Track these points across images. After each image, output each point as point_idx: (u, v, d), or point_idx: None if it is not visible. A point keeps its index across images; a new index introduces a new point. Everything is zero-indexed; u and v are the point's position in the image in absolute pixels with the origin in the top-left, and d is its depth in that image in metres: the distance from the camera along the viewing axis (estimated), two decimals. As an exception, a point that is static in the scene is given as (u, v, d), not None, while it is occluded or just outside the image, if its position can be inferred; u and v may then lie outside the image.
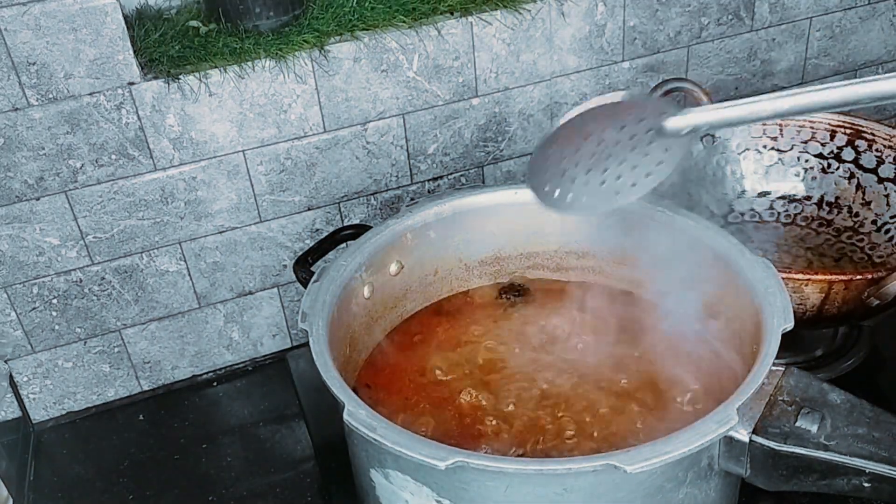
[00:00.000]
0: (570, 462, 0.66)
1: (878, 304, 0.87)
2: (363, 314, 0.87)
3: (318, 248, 0.94)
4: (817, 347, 1.03)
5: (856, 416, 0.69)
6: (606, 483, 0.66)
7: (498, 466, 0.64)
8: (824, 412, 0.69)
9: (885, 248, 1.06)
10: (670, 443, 0.64)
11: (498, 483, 0.66)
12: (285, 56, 0.95)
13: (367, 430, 0.67)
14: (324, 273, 0.83)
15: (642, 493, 0.68)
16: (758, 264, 0.79)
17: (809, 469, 0.68)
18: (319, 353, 0.75)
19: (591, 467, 0.64)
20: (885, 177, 1.07)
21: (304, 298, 0.80)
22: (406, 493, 0.71)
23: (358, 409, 0.69)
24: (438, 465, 0.64)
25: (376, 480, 0.74)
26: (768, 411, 0.70)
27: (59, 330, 1.01)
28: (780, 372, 0.72)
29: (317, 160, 1.02)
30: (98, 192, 0.95)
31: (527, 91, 1.09)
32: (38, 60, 0.86)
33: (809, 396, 0.71)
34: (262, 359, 1.13)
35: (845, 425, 0.68)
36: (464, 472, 0.65)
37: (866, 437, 0.67)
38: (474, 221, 0.93)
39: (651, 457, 0.63)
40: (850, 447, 0.67)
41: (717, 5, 1.14)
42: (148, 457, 1.01)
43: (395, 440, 0.66)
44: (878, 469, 0.66)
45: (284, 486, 0.96)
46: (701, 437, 0.65)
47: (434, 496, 0.69)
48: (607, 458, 0.63)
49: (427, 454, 0.65)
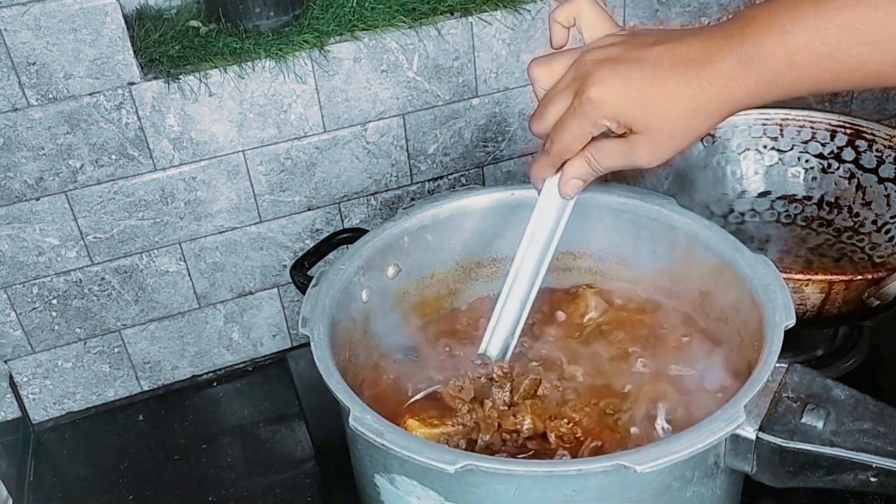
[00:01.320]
0: (580, 463, 0.66)
1: (879, 305, 0.87)
2: (361, 318, 0.87)
3: (314, 252, 0.94)
4: (818, 348, 1.03)
5: (860, 411, 0.69)
6: (616, 483, 0.66)
7: (507, 469, 0.64)
8: (829, 408, 0.69)
9: (886, 248, 1.06)
10: (679, 442, 0.64)
11: (507, 486, 0.66)
12: (285, 56, 0.95)
13: (374, 436, 0.66)
14: (322, 277, 0.83)
15: (651, 492, 0.67)
16: (757, 262, 0.79)
17: (816, 465, 0.68)
18: (322, 358, 0.74)
19: (601, 468, 0.64)
20: (886, 177, 1.07)
21: (304, 303, 0.80)
22: (413, 497, 0.70)
23: (364, 415, 0.68)
24: (448, 468, 0.63)
25: (381, 486, 0.73)
26: (774, 408, 0.70)
27: (58, 330, 1.01)
28: (783, 369, 0.73)
29: (317, 160, 1.02)
30: (98, 193, 0.95)
31: (527, 91, 1.09)
32: (38, 60, 0.86)
33: (814, 392, 0.71)
34: (262, 359, 1.13)
35: (850, 420, 0.69)
36: (472, 475, 0.65)
37: (872, 432, 0.68)
38: (471, 223, 0.93)
39: (660, 456, 0.63)
40: (856, 442, 0.67)
41: (717, 5, 1.14)
42: (148, 457, 1.01)
43: (403, 445, 0.66)
44: (884, 463, 0.66)
45: (284, 487, 0.96)
46: (709, 435, 0.65)
47: (441, 500, 0.69)
48: (617, 459, 0.63)
49: (436, 458, 0.64)
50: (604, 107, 0.67)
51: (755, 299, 0.77)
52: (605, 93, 0.67)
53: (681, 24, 1.13)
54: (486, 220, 0.93)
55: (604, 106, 0.67)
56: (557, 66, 0.73)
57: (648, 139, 0.68)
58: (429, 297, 0.94)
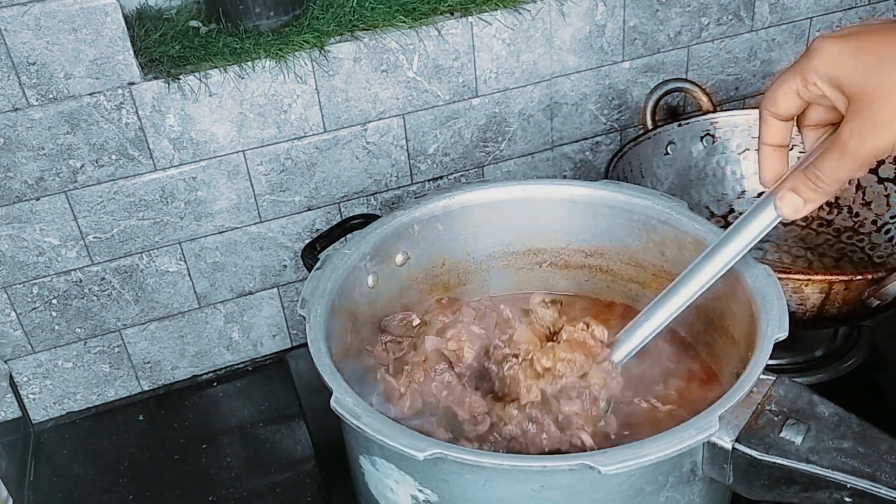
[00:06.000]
0: (546, 460, 0.66)
1: (879, 305, 0.87)
2: (367, 303, 0.87)
3: (327, 235, 0.94)
4: (817, 348, 1.03)
5: (842, 429, 0.68)
6: (584, 482, 0.66)
7: (475, 460, 0.65)
8: (811, 424, 0.69)
9: (886, 248, 1.06)
10: (647, 446, 0.64)
11: (476, 476, 0.67)
12: (285, 56, 0.95)
13: (351, 418, 0.68)
14: (327, 261, 0.83)
15: (621, 494, 0.67)
16: (758, 270, 0.79)
17: (791, 480, 0.68)
18: (315, 339, 0.75)
19: (566, 466, 0.64)
20: (886, 177, 1.07)
21: (306, 285, 0.80)
22: (391, 481, 0.72)
23: (345, 397, 0.69)
24: (417, 455, 0.64)
25: (364, 467, 0.75)
26: (754, 420, 0.69)
27: (59, 330, 1.01)
28: (770, 381, 0.72)
29: (317, 160, 1.02)
30: (98, 193, 0.95)
31: (527, 91, 1.09)
32: (38, 60, 0.86)
33: (797, 407, 0.70)
34: (262, 359, 1.13)
35: (831, 438, 0.68)
36: (443, 463, 0.66)
37: (851, 452, 0.67)
38: (482, 215, 0.93)
39: (626, 459, 0.63)
40: (834, 461, 0.66)
41: (717, 5, 1.14)
42: (148, 457, 1.01)
43: (377, 429, 0.67)
44: (859, 485, 0.65)
45: (284, 486, 0.96)
46: (679, 442, 0.64)
47: (416, 486, 0.70)
48: (582, 458, 0.63)
49: (406, 444, 0.65)
50: (819, 62, 0.61)
51: (752, 308, 0.77)
52: (823, 46, 0.61)
53: (681, 24, 1.14)
54: (498, 213, 0.93)
55: (819, 61, 0.61)
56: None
57: (861, 119, 0.60)
58: (438, 286, 0.94)
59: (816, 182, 0.65)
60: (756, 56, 1.21)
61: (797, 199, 0.67)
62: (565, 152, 1.17)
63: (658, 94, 1.11)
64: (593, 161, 1.19)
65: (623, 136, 1.19)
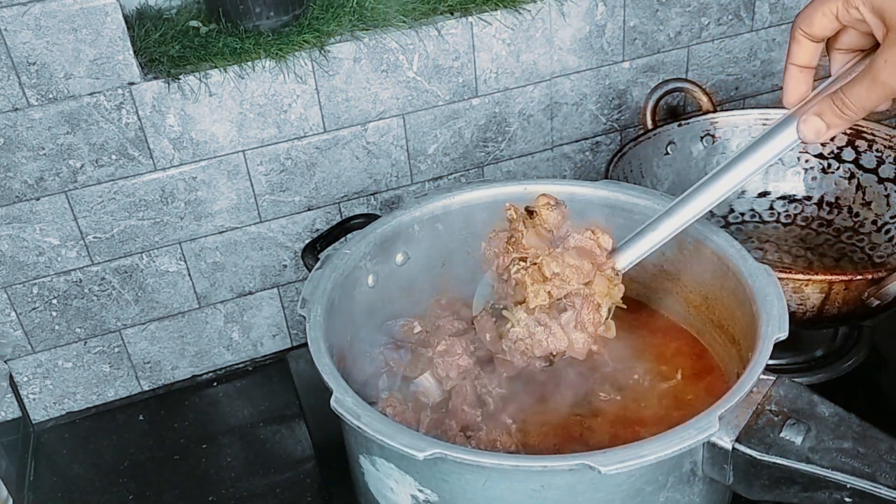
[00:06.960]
0: (546, 460, 0.66)
1: (879, 305, 0.87)
2: (366, 303, 0.87)
3: (327, 235, 0.94)
4: (817, 348, 1.03)
5: (843, 430, 0.68)
6: (584, 482, 0.66)
7: (475, 460, 0.65)
8: (811, 424, 0.69)
9: (886, 248, 1.06)
10: (647, 446, 0.64)
11: (476, 476, 0.67)
12: (285, 56, 0.95)
13: (351, 418, 0.68)
14: (327, 261, 0.83)
15: (621, 494, 0.68)
16: (759, 271, 0.79)
17: (791, 480, 0.68)
18: (315, 339, 0.75)
19: (566, 466, 0.64)
20: (886, 177, 1.07)
21: (306, 285, 0.81)
22: (391, 481, 0.72)
23: (345, 397, 0.70)
24: (417, 455, 0.64)
25: (365, 467, 0.75)
26: (754, 420, 0.69)
27: (59, 330, 1.01)
28: (770, 381, 0.72)
29: (317, 160, 1.02)
30: (98, 193, 0.95)
31: (527, 91, 1.09)
32: (38, 60, 0.86)
33: (798, 408, 0.70)
34: (262, 359, 1.13)
35: (831, 439, 0.68)
36: (443, 463, 0.66)
37: (851, 452, 0.67)
38: (482, 215, 0.93)
39: (627, 459, 0.63)
40: (834, 461, 0.67)
41: (717, 5, 1.14)
42: (148, 457, 1.01)
43: (377, 429, 0.67)
44: (859, 485, 0.65)
45: (284, 486, 0.96)
46: (679, 442, 0.64)
47: (416, 485, 0.70)
48: (582, 458, 0.63)
49: (406, 444, 0.65)
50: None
51: (752, 308, 0.77)
52: None
53: (681, 24, 1.14)
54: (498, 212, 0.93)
55: None
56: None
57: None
58: (438, 285, 0.94)
59: (843, 108, 0.65)
60: (756, 56, 1.21)
61: (820, 124, 0.67)
62: (565, 152, 1.17)
63: (658, 94, 1.11)
64: (593, 161, 1.19)
65: (623, 136, 1.19)
